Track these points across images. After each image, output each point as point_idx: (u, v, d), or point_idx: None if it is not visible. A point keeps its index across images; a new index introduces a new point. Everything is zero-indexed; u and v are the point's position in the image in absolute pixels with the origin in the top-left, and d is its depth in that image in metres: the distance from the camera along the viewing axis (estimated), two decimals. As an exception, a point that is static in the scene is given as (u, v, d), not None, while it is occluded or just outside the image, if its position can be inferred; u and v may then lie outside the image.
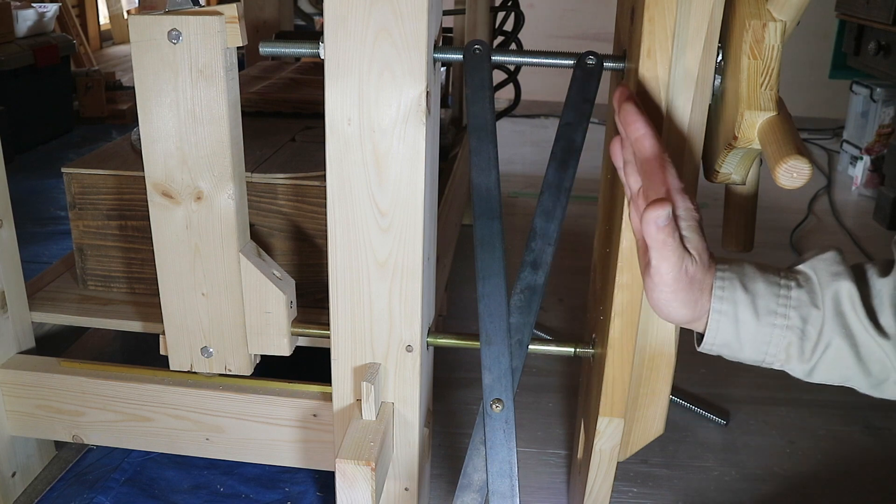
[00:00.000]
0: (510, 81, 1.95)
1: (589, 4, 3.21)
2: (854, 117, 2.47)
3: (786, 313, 0.58)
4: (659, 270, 0.57)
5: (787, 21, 0.60)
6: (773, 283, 0.59)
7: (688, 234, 0.58)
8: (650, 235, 0.56)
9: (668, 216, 0.55)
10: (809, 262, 0.60)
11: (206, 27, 0.70)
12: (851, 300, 0.57)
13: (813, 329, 0.58)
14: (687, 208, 0.58)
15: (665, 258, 0.56)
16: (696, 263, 0.58)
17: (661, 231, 0.55)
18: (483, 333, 0.70)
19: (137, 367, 0.91)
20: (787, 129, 0.58)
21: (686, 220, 0.58)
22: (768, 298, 0.58)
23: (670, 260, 0.56)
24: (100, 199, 0.99)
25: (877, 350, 0.57)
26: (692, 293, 0.58)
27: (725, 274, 0.59)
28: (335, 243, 0.73)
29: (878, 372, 0.58)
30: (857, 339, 0.57)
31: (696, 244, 0.58)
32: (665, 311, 0.60)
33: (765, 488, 1.07)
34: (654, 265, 0.57)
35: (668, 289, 0.58)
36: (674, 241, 0.56)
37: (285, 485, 1.01)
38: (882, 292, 0.57)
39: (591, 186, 1.29)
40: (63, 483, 1.00)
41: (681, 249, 0.57)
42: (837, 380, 0.60)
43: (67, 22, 3.57)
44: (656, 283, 0.58)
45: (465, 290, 1.55)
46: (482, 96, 0.69)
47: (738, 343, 0.59)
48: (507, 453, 0.70)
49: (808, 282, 0.59)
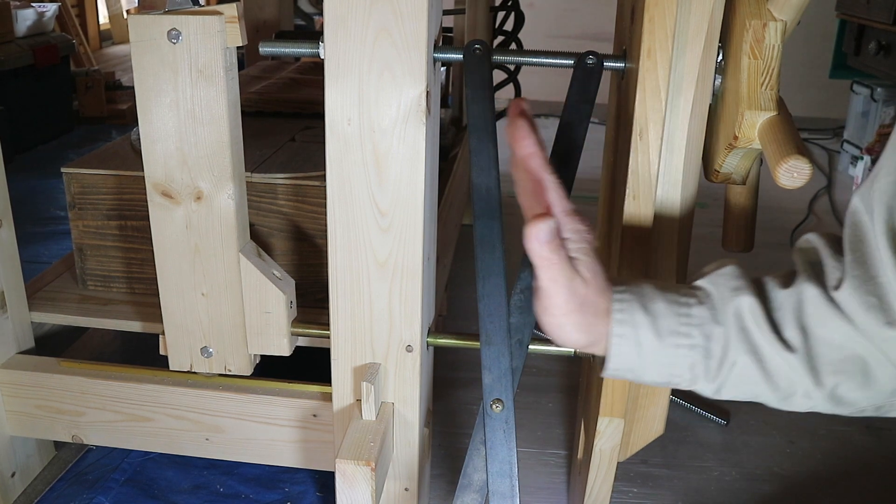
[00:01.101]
0: (510, 81, 1.95)
1: (589, 4, 3.21)
2: (854, 117, 2.47)
3: (688, 332, 0.56)
4: (548, 292, 0.55)
5: (788, 21, 0.60)
6: (673, 301, 0.56)
7: (578, 255, 0.56)
8: (534, 252, 0.54)
9: (549, 230, 0.53)
10: (708, 277, 0.58)
11: (206, 27, 0.70)
12: (754, 315, 0.55)
13: (717, 346, 0.56)
14: (576, 230, 0.56)
15: (552, 279, 0.55)
16: (587, 285, 0.56)
17: (543, 247, 0.53)
18: (483, 333, 0.70)
19: (137, 367, 0.90)
20: (788, 129, 0.58)
21: (575, 242, 0.56)
22: (669, 318, 0.56)
23: (558, 280, 0.55)
24: (100, 199, 0.99)
25: (783, 364, 0.55)
26: (585, 316, 0.56)
27: (623, 296, 0.57)
28: (335, 243, 0.73)
29: (786, 386, 0.56)
30: (763, 353, 0.55)
31: (588, 265, 0.56)
32: (558, 335, 0.58)
33: (765, 488, 1.07)
34: (542, 286, 0.55)
35: (558, 311, 0.56)
36: (560, 260, 0.54)
37: (285, 485, 1.01)
38: (784, 305, 0.55)
39: (591, 186, 1.29)
40: (63, 483, 1.00)
41: (569, 270, 0.55)
42: (746, 396, 0.58)
43: (67, 22, 3.56)
44: (546, 306, 0.56)
45: (465, 290, 1.55)
46: (482, 96, 0.69)
47: (641, 366, 0.57)
48: (507, 453, 0.70)
49: (709, 298, 0.57)
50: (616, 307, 0.56)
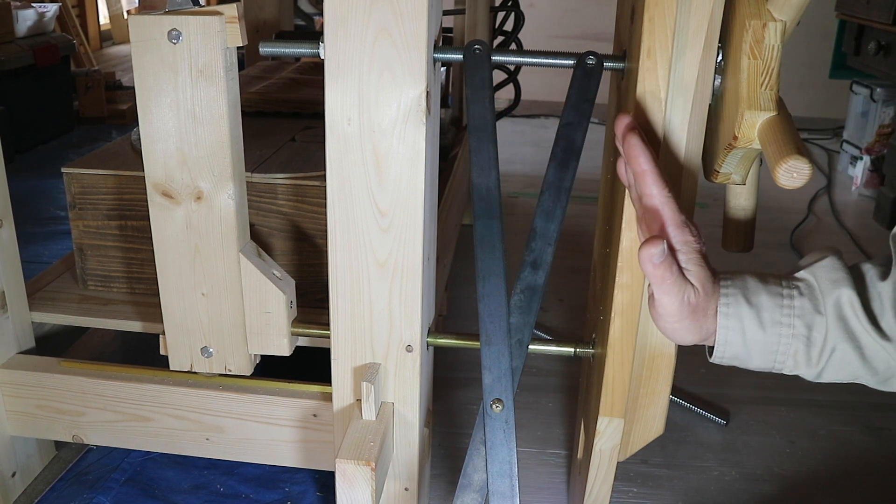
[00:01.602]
0: (510, 81, 1.95)
1: (589, 4, 3.21)
2: (854, 117, 2.47)
3: (791, 322, 0.60)
4: (662, 303, 0.60)
5: (787, 21, 0.60)
6: (776, 293, 0.61)
7: (688, 266, 0.60)
8: (648, 272, 0.58)
9: (661, 253, 0.57)
10: (810, 268, 0.62)
11: (206, 27, 0.70)
12: (853, 306, 0.59)
13: (818, 335, 0.60)
14: (685, 241, 0.59)
15: (666, 292, 0.59)
16: (698, 294, 0.60)
17: (657, 268, 0.58)
18: (483, 333, 0.70)
19: (137, 367, 0.90)
20: (787, 129, 0.58)
21: (685, 253, 0.59)
22: (772, 310, 0.60)
23: (671, 293, 0.59)
24: (100, 199, 0.99)
25: (880, 351, 0.59)
26: (696, 320, 0.61)
27: (729, 290, 0.61)
28: (335, 243, 0.73)
29: (884, 370, 0.60)
30: (861, 342, 0.59)
31: (698, 275, 0.60)
32: (672, 337, 0.64)
33: (765, 488, 1.07)
34: (657, 298, 0.60)
35: (672, 319, 0.61)
36: (672, 276, 0.58)
37: (285, 485, 1.01)
38: (882, 295, 0.59)
39: (591, 186, 1.29)
40: (63, 483, 1.00)
41: (681, 282, 0.59)
42: (846, 379, 0.62)
43: (67, 22, 3.56)
44: (660, 314, 0.61)
45: (465, 290, 1.55)
46: (482, 96, 0.69)
47: (747, 355, 0.62)
48: (507, 453, 0.70)
49: (810, 289, 0.61)
50: (722, 301, 0.61)
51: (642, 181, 0.60)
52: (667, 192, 0.59)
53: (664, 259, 0.57)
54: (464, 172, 1.63)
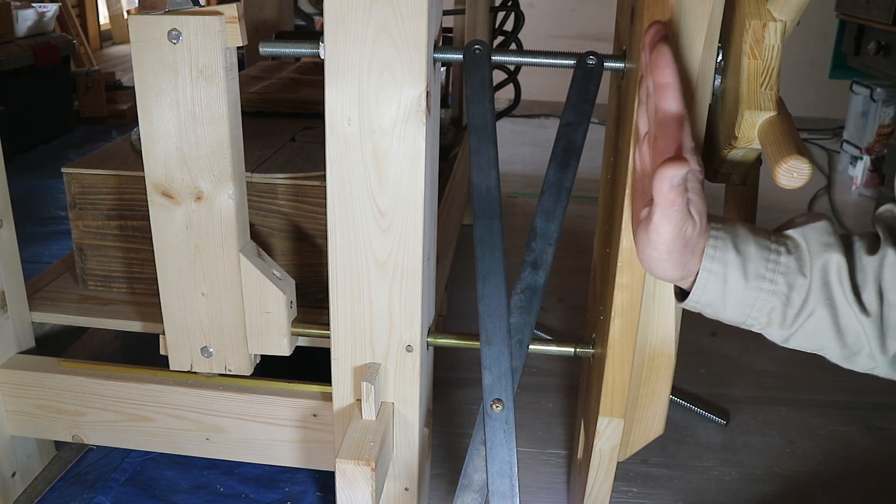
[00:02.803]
0: (510, 81, 1.95)
1: (589, 4, 3.20)
2: (854, 117, 2.47)
3: (773, 278, 0.58)
4: (658, 229, 0.56)
5: (787, 21, 0.60)
6: (764, 247, 0.59)
7: (692, 196, 0.57)
8: (661, 193, 0.54)
9: (682, 177, 0.53)
10: (801, 228, 0.60)
11: (206, 27, 0.70)
12: (839, 273, 0.58)
13: (797, 296, 0.58)
14: (693, 170, 0.57)
15: (668, 218, 0.55)
16: (695, 227, 0.57)
17: (672, 191, 0.54)
18: (483, 333, 0.70)
19: (137, 367, 0.90)
20: (787, 129, 0.58)
21: (692, 182, 0.57)
22: (758, 262, 0.58)
23: (673, 220, 0.55)
24: (100, 199, 0.99)
25: (855, 324, 0.58)
26: (684, 255, 0.58)
27: (718, 234, 0.59)
28: (335, 243, 0.73)
29: (853, 344, 0.59)
30: (839, 310, 0.58)
31: (699, 207, 0.57)
32: (653, 269, 0.60)
33: (765, 488, 1.07)
34: (654, 222, 0.56)
35: (662, 248, 0.57)
36: (681, 203, 0.55)
37: (285, 485, 1.01)
38: (867, 268, 0.58)
39: (591, 186, 1.29)
40: (63, 483, 1.00)
41: (685, 212, 0.56)
42: (812, 348, 0.61)
43: (67, 22, 3.56)
44: (652, 240, 0.57)
45: (465, 290, 1.55)
46: (482, 96, 0.69)
47: (722, 303, 0.60)
48: (507, 453, 0.70)
49: (798, 249, 0.59)
50: (710, 243, 0.58)
51: (663, 94, 0.56)
52: (685, 111, 0.56)
53: (681, 183, 0.53)
54: (464, 172, 1.63)
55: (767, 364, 1.36)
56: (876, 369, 0.60)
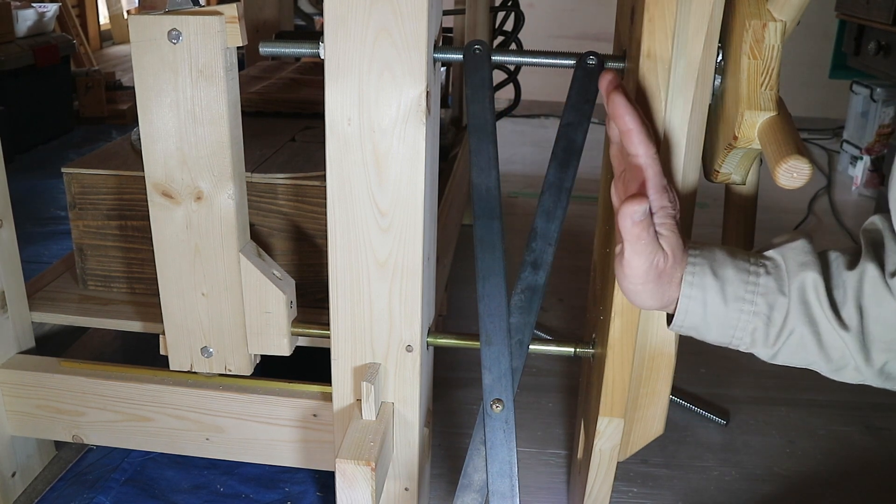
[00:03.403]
0: (510, 81, 1.95)
1: (589, 4, 3.21)
2: (854, 117, 2.47)
3: (753, 300, 0.60)
4: (630, 263, 0.59)
5: (787, 21, 0.60)
6: (743, 269, 0.60)
7: (662, 231, 0.59)
8: (625, 229, 0.57)
9: (644, 212, 0.56)
10: (779, 248, 0.62)
11: (206, 27, 0.70)
12: (816, 291, 0.59)
13: (779, 315, 0.60)
14: (663, 206, 0.59)
15: (637, 252, 0.58)
16: (667, 259, 0.59)
17: (636, 226, 0.57)
18: (483, 333, 0.70)
19: (137, 367, 0.90)
20: (787, 129, 0.58)
21: (661, 217, 0.59)
22: (737, 285, 0.60)
23: (642, 255, 0.58)
24: (100, 199, 0.99)
25: (837, 340, 0.59)
26: (661, 286, 0.60)
27: (696, 260, 0.60)
28: (335, 243, 0.73)
29: (839, 359, 0.60)
30: (820, 327, 0.59)
31: (671, 241, 0.59)
32: (633, 299, 0.62)
33: (765, 488, 1.07)
34: (626, 258, 0.59)
35: (637, 280, 0.60)
36: (648, 237, 0.57)
37: (285, 485, 1.01)
38: (846, 284, 0.59)
39: (591, 186, 1.29)
40: (63, 483, 1.00)
41: (654, 245, 0.58)
42: (800, 363, 0.62)
43: (67, 22, 3.56)
44: (626, 274, 0.60)
45: (465, 290, 1.55)
46: (482, 96, 0.69)
47: (705, 326, 0.61)
48: (507, 453, 0.70)
49: (777, 269, 0.60)
50: (688, 270, 0.60)
51: (628, 140, 0.59)
52: (653, 152, 0.59)
53: (644, 218, 0.57)
54: (464, 172, 1.63)
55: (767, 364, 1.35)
56: (865, 380, 0.61)
